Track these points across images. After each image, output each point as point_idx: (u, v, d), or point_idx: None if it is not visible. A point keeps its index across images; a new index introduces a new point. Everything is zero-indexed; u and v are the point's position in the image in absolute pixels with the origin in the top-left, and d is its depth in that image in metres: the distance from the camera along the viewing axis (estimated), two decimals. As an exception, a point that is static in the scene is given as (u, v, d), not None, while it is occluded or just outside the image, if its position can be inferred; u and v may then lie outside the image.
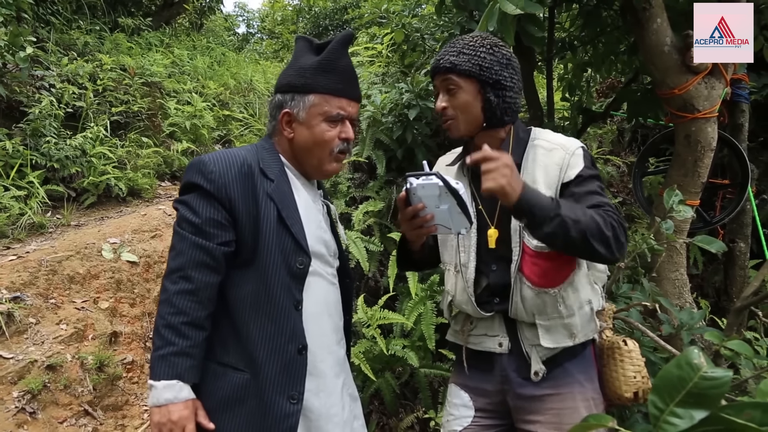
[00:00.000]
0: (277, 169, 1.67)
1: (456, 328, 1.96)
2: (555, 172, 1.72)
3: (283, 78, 1.72)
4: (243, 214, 1.57)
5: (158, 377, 1.46)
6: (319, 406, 1.64)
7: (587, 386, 1.79)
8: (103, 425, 2.98)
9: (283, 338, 1.57)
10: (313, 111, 1.66)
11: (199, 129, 6.72)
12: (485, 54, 1.72)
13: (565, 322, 1.74)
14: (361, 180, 4.41)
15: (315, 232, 1.69)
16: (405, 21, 4.41)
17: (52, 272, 3.49)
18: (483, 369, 1.85)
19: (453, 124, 1.78)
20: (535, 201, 1.49)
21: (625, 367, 1.83)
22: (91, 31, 7.66)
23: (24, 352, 2.99)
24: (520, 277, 1.72)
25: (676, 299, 3.01)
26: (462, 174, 1.89)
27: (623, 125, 6.33)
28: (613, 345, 1.90)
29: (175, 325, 1.48)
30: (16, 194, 4.42)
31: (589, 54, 4.40)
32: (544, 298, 1.72)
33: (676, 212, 2.16)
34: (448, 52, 1.75)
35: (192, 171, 1.60)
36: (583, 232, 1.52)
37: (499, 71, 1.72)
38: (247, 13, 16.34)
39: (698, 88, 2.83)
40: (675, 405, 0.76)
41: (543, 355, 1.75)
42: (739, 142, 3.84)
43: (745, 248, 4.14)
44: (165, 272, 1.55)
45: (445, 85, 1.76)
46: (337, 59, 1.68)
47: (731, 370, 0.77)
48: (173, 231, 1.59)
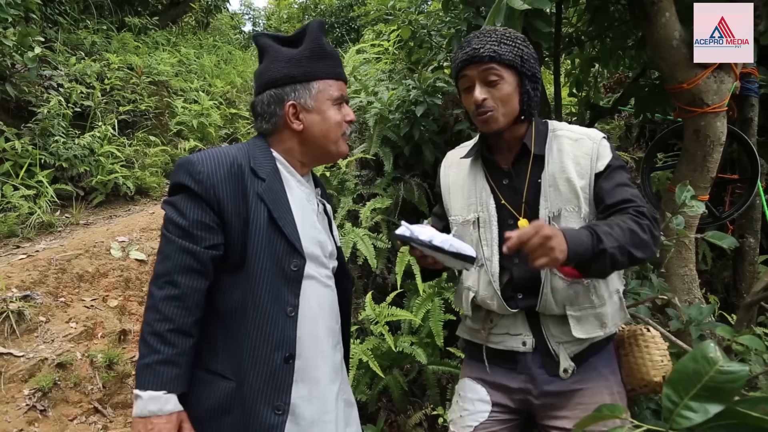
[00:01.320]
0: (269, 168, 1.61)
1: (475, 327, 1.90)
2: (586, 162, 1.70)
3: (272, 73, 1.64)
4: (232, 216, 1.52)
5: (143, 387, 1.42)
6: (312, 413, 1.59)
7: (611, 379, 1.78)
8: (113, 423, 2.99)
9: (269, 346, 1.52)
10: (321, 97, 1.64)
11: (206, 127, 6.75)
12: (523, 46, 1.70)
13: (597, 311, 1.71)
14: (369, 177, 4.40)
15: (309, 233, 1.64)
16: (411, 18, 4.39)
17: (62, 271, 3.51)
18: (505, 367, 1.81)
19: (492, 116, 1.69)
20: (580, 248, 1.44)
21: (651, 352, 1.83)
22: (99, 31, 7.69)
23: (34, 351, 3.01)
24: (550, 268, 1.68)
25: (685, 295, 2.99)
26: (478, 168, 1.84)
27: (631, 120, 6.30)
28: (635, 333, 1.90)
29: (160, 332, 1.43)
30: (26, 194, 4.45)
31: (596, 49, 4.38)
32: (577, 288, 1.69)
33: (687, 208, 2.15)
34: (487, 41, 1.67)
35: (179, 171, 1.55)
36: (628, 252, 1.49)
37: (534, 65, 1.72)
38: (253, 11, 16.38)
39: (707, 82, 2.81)
40: (690, 399, 0.75)
41: (571, 352, 1.73)
42: (749, 137, 3.81)
43: (755, 243, 4.11)
44: (152, 277, 1.51)
45: (485, 76, 1.67)
46: (325, 45, 1.67)
47: (747, 365, 0.77)
48: (161, 234, 1.54)
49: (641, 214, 1.59)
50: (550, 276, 1.70)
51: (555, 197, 1.70)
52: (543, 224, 1.41)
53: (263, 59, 1.69)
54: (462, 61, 1.70)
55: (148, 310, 1.47)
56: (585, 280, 1.69)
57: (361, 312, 3.49)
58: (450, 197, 1.90)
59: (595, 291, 1.71)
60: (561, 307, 1.71)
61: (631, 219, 1.56)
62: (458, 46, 1.77)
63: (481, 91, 1.68)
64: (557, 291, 1.70)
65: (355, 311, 3.59)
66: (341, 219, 3.88)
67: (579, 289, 1.70)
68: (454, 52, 1.79)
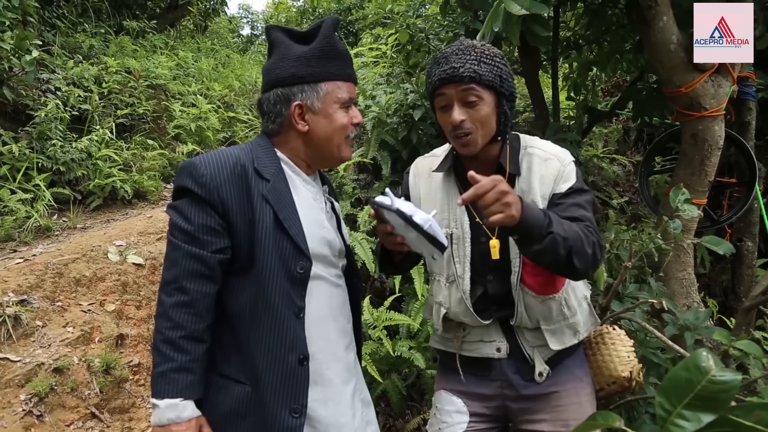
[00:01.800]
0: (274, 168, 1.59)
1: (447, 336, 1.89)
2: (550, 182, 1.68)
3: (280, 71, 1.60)
4: (237, 218, 1.50)
5: (160, 395, 1.42)
6: (327, 416, 1.59)
7: (585, 381, 1.81)
8: (110, 428, 2.98)
9: (283, 349, 1.51)
10: (328, 99, 1.60)
11: (204, 131, 6.74)
12: (501, 65, 1.65)
13: (569, 322, 1.75)
14: (367, 181, 4.41)
15: (317, 233, 1.62)
16: (409, 21, 4.39)
17: (59, 275, 3.50)
18: (479, 375, 1.81)
19: (471, 139, 1.64)
20: (533, 220, 1.42)
21: (617, 348, 1.85)
22: (97, 34, 7.69)
23: (31, 355, 3.00)
24: (522, 288, 1.70)
25: (683, 299, 2.99)
26: (451, 183, 1.81)
27: (629, 124, 6.31)
28: (601, 332, 1.93)
29: (173, 339, 1.43)
30: (23, 197, 4.44)
31: (594, 53, 4.38)
32: (550, 305, 1.71)
33: (682, 211, 2.15)
34: (467, 59, 1.61)
35: (182, 175, 1.53)
36: (570, 249, 1.47)
37: (511, 83, 1.68)
38: (251, 14, 16.39)
39: (705, 86, 2.81)
40: (683, 407, 0.75)
41: (545, 356, 1.74)
42: (747, 141, 3.82)
43: (753, 247, 4.12)
44: (160, 284, 1.50)
45: (464, 96, 1.62)
46: (336, 44, 1.63)
47: (740, 374, 0.76)
48: (167, 240, 1.53)
49: (592, 232, 1.58)
50: (522, 294, 1.70)
51: None
52: (501, 179, 1.38)
53: (273, 54, 1.65)
54: (440, 79, 1.64)
55: (159, 318, 1.46)
56: (556, 295, 1.70)
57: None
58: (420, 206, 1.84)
59: (566, 303, 1.73)
60: (535, 322, 1.73)
61: (581, 230, 1.54)
62: (434, 61, 1.70)
63: (459, 112, 1.63)
64: (531, 308, 1.71)
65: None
66: (339, 223, 3.88)
67: (552, 305, 1.71)
68: (428, 66, 1.75)
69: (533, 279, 1.69)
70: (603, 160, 5.52)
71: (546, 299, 1.70)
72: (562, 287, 1.72)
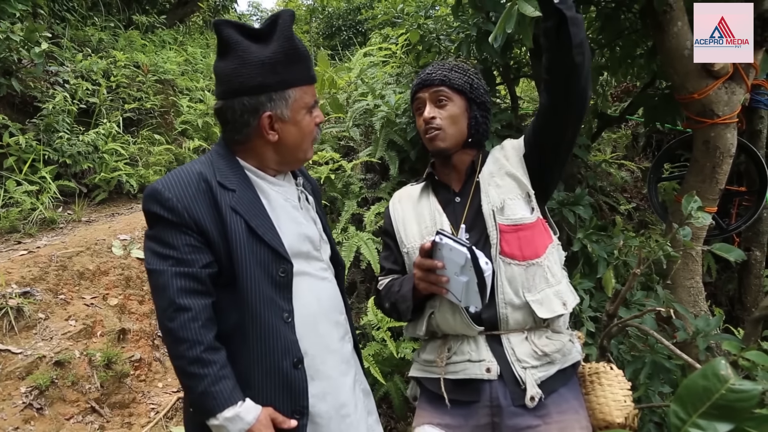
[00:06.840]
0: (237, 178, 1.56)
1: (428, 358, 1.81)
2: (515, 152, 1.83)
3: (244, 79, 1.52)
4: (212, 233, 1.48)
5: (213, 413, 1.40)
6: (328, 409, 1.59)
7: (581, 413, 1.70)
8: (110, 423, 2.97)
9: (276, 356, 1.50)
10: (296, 106, 1.57)
11: (211, 127, 6.75)
12: (473, 76, 1.85)
13: (555, 289, 1.71)
14: (374, 181, 4.39)
15: (294, 230, 1.60)
16: (420, 21, 4.38)
17: (62, 268, 3.50)
18: (466, 402, 1.70)
19: (439, 134, 1.79)
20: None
21: (614, 391, 1.76)
22: (106, 28, 7.71)
23: (32, 348, 2.99)
24: (503, 259, 1.67)
25: (691, 307, 2.96)
26: (428, 193, 1.91)
27: (638, 130, 6.28)
28: (598, 370, 1.84)
29: (197, 357, 1.41)
30: (28, 189, 4.45)
31: (605, 57, 4.35)
32: (534, 271, 1.68)
33: (694, 219, 2.12)
34: (438, 69, 1.83)
35: (149, 202, 1.49)
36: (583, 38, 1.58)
37: (484, 94, 1.85)
38: (261, 12, 16.45)
39: (718, 93, 2.78)
40: (698, 416, 0.73)
41: (538, 378, 1.65)
42: (758, 149, 3.78)
43: (761, 257, 4.08)
44: (157, 314, 1.47)
45: (435, 97, 1.81)
46: (298, 45, 1.57)
47: (759, 384, 0.74)
48: (148, 271, 1.49)
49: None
50: (504, 266, 1.68)
51: (496, 193, 1.76)
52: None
53: (228, 55, 1.53)
54: (416, 85, 1.87)
55: (173, 345, 1.44)
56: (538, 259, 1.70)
57: (363, 317, 3.47)
58: (404, 228, 1.88)
59: (549, 270, 1.72)
60: (521, 296, 1.67)
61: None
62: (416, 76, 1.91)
63: (430, 111, 1.81)
64: (514, 278, 1.67)
65: (357, 316, 3.56)
66: (345, 222, 3.86)
67: (536, 271, 1.69)
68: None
69: (512, 245, 1.69)
70: (611, 165, 5.49)
71: (530, 265, 1.68)
72: (544, 252, 1.71)
